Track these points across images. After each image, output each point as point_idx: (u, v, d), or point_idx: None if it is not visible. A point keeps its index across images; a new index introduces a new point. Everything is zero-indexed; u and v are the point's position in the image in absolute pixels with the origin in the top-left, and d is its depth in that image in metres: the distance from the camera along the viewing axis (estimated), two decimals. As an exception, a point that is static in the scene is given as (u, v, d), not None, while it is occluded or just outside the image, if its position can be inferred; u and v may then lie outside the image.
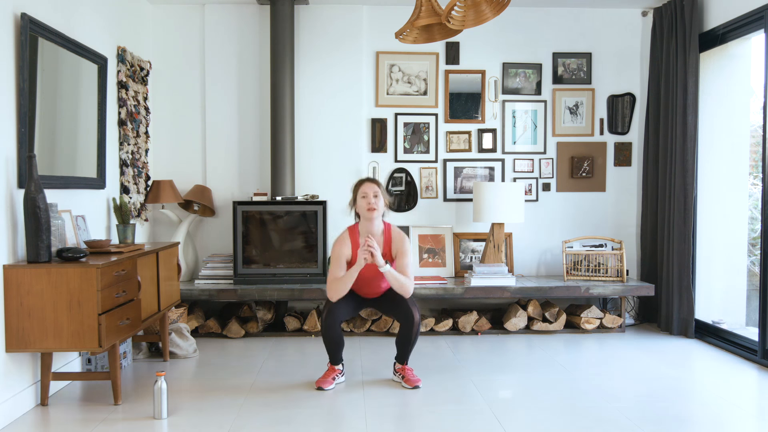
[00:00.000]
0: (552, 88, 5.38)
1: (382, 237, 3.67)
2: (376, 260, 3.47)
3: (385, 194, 3.67)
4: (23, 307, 3.08)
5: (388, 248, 3.67)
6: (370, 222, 3.63)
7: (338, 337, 3.62)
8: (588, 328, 4.92)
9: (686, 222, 4.69)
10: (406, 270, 3.60)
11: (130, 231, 4.01)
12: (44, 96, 3.45)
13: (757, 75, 4.57)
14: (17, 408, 3.16)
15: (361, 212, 3.64)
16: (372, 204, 3.58)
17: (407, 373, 3.67)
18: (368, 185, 3.64)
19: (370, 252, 3.46)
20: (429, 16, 3.42)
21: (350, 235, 3.68)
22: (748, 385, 3.72)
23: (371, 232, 3.64)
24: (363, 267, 3.53)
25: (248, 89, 5.23)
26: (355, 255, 3.61)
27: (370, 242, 3.47)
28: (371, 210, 3.58)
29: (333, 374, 3.66)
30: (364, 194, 3.62)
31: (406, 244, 3.65)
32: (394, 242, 3.66)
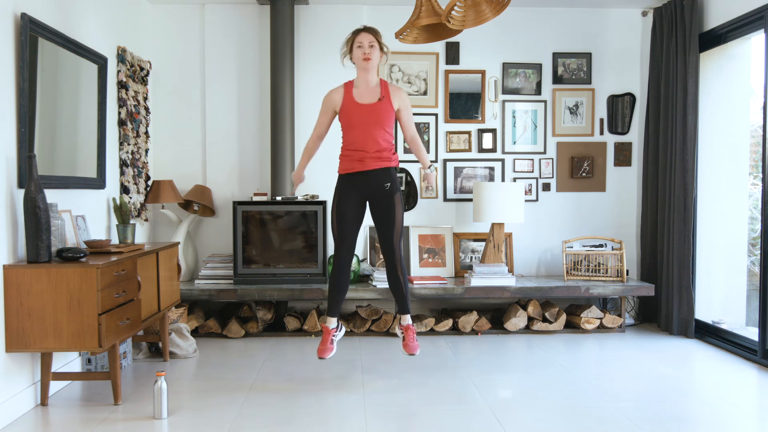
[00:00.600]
0: (552, 88, 5.38)
1: (379, 88, 3.60)
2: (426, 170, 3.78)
3: (382, 44, 3.60)
4: (23, 307, 3.08)
5: (387, 94, 3.59)
6: (366, 72, 3.57)
7: (345, 280, 3.64)
8: (588, 328, 4.92)
9: (686, 222, 4.69)
10: (411, 123, 3.71)
11: (130, 231, 4.01)
12: (44, 96, 3.45)
13: (757, 75, 4.57)
14: (17, 408, 3.16)
15: (357, 62, 3.57)
16: (367, 54, 3.52)
17: (408, 335, 3.66)
18: (364, 34, 3.55)
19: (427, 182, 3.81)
20: (429, 16, 3.42)
21: (345, 85, 3.65)
22: (748, 385, 3.72)
23: (367, 83, 3.59)
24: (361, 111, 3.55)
25: (248, 89, 5.23)
26: (345, 104, 3.58)
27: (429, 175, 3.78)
28: (367, 59, 3.52)
29: (329, 336, 3.65)
30: (360, 44, 3.54)
31: (405, 94, 3.67)
32: (394, 93, 3.61)
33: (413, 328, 3.73)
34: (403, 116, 3.67)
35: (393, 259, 3.65)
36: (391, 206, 3.62)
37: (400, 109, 3.65)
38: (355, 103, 3.57)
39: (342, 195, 3.65)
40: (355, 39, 3.58)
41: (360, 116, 3.56)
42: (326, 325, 3.70)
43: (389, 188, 3.61)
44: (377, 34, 3.58)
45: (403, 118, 3.68)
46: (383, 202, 3.63)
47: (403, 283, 3.69)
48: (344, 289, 3.67)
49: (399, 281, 3.67)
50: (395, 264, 3.65)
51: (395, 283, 3.69)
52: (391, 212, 3.63)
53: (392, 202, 3.63)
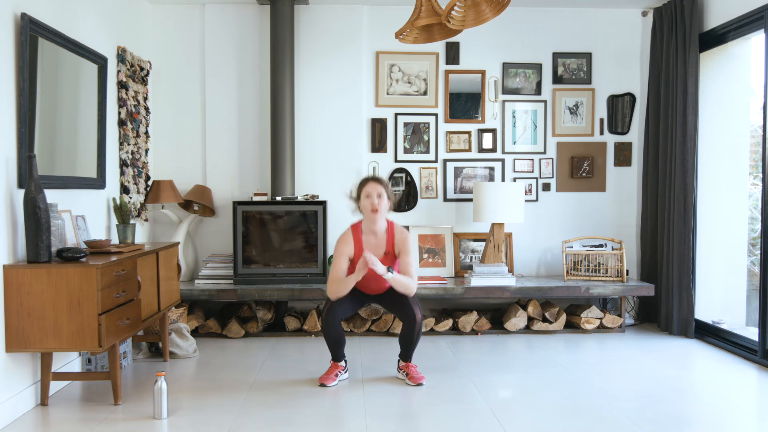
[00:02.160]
0: (552, 88, 5.38)
1: (385, 235, 3.66)
2: (378, 271, 3.45)
3: (389, 193, 3.66)
4: (23, 307, 3.08)
5: (391, 246, 3.66)
6: (374, 221, 3.63)
7: (339, 334, 3.64)
8: (588, 328, 4.92)
9: (686, 222, 4.69)
10: (409, 269, 3.61)
11: (130, 231, 4.02)
12: (44, 96, 3.45)
13: (757, 75, 4.57)
14: (17, 408, 3.16)
15: (365, 212, 3.64)
16: (375, 205, 3.58)
17: (411, 371, 3.69)
18: (372, 185, 3.63)
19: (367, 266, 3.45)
20: (429, 16, 3.42)
21: (353, 233, 3.68)
22: (748, 385, 3.72)
23: (374, 231, 3.65)
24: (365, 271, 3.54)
25: (248, 89, 5.23)
26: (358, 253, 3.62)
27: (369, 258, 3.42)
28: (375, 211, 3.59)
29: (336, 371, 3.69)
30: (368, 194, 3.61)
31: (409, 243, 3.66)
32: (397, 241, 3.66)
33: (414, 364, 3.73)
34: (400, 259, 3.68)
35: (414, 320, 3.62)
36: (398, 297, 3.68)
37: (399, 253, 3.67)
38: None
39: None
40: (363, 189, 3.64)
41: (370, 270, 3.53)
42: (335, 362, 3.73)
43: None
44: (385, 184, 3.65)
45: (400, 259, 3.68)
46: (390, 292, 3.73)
47: (416, 339, 3.68)
48: (342, 341, 3.68)
49: (413, 339, 3.67)
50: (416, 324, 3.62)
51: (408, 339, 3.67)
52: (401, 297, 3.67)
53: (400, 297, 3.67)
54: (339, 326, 3.64)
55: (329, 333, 3.62)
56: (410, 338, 3.65)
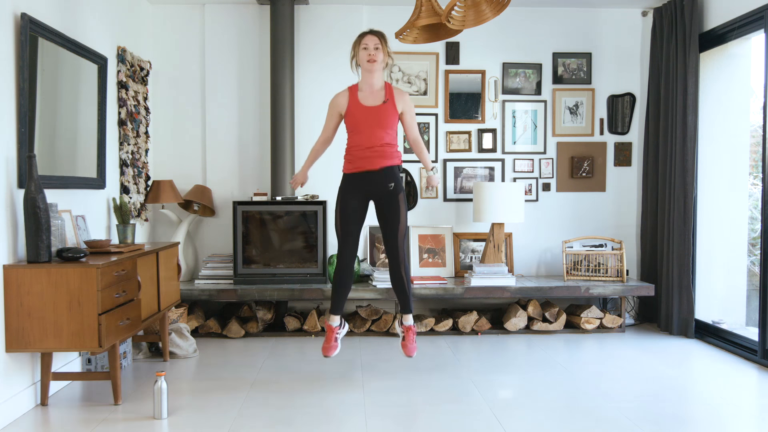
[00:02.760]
0: (552, 88, 5.38)
1: (383, 90, 3.66)
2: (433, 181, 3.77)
3: (387, 48, 3.64)
4: (23, 307, 3.08)
5: (391, 95, 3.64)
6: (371, 74, 3.62)
7: (350, 276, 3.69)
8: (588, 328, 4.92)
9: (686, 222, 4.69)
10: (414, 126, 3.74)
11: (130, 231, 4.02)
12: (44, 96, 3.45)
13: (757, 75, 4.57)
14: (17, 408, 3.16)
15: (362, 63, 3.63)
16: (372, 55, 3.57)
17: (408, 336, 3.72)
18: (369, 37, 3.61)
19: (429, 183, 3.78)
20: (429, 16, 3.42)
21: (350, 89, 3.70)
22: (748, 385, 3.72)
23: (370, 86, 3.64)
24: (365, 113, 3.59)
25: (248, 89, 5.23)
26: (351, 107, 3.63)
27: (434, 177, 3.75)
28: (371, 61, 3.57)
29: (333, 334, 3.72)
30: (365, 45, 3.60)
31: (408, 97, 3.70)
32: (398, 96, 3.66)
33: (414, 329, 3.78)
34: (406, 119, 3.72)
35: (397, 258, 3.68)
36: (395, 206, 3.66)
37: (403, 112, 3.70)
38: (360, 106, 3.63)
39: (346, 194, 3.69)
40: (360, 41, 3.64)
41: (364, 118, 3.61)
42: (330, 323, 3.75)
43: (393, 188, 3.65)
44: (383, 37, 3.63)
45: (406, 121, 3.73)
46: (388, 201, 3.67)
47: (407, 283, 3.72)
48: (348, 287, 3.72)
49: (402, 281, 3.71)
50: (399, 264, 3.69)
51: (398, 283, 3.72)
52: (395, 212, 3.66)
53: (396, 202, 3.66)
54: (352, 267, 3.69)
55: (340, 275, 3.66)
56: (399, 278, 3.68)
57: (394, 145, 3.68)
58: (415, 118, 3.77)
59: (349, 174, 3.70)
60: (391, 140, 3.65)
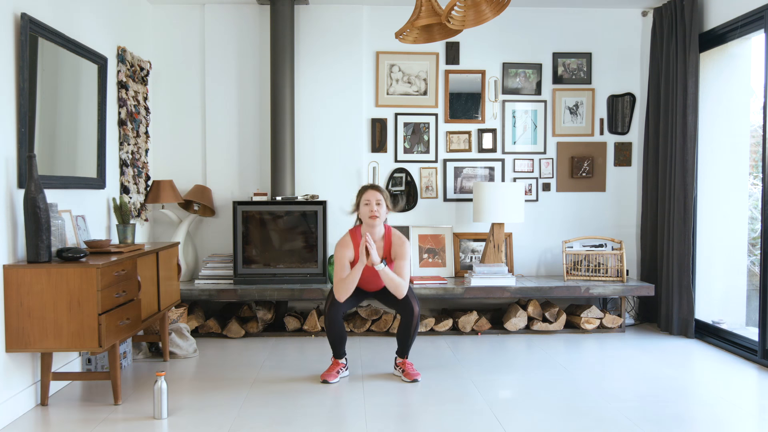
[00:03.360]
0: (552, 88, 5.38)
1: (383, 241, 3.77)
2: (372, 258, 3.60)
3: (388, 201, 3.76)
4: (23, 307, 3.08)
5: (388, 251, 3.77)
6: (372, 227, 3.74)
7: (340, 330, 3.73)
8: (588, 328, 4.92)
9: (686, 222, 4.69)
10: (402, 272, 3.71)
11: (130, 231, 4.02)
12: (44, 96, 3.45)
13: (757, 75, 4.57)
14: (17, 408, 3.16)
15: (363, 218, 3.75)
16: (374, 212, 3.68)
17: (407, 367, 3.77)
18: (371, 192, 3.73)
19: (366, 250, 3.60)
20: (429, 16, 3.42)
21: (352, 238, 3.77)
22: (748, 385, 3.72)
23: (373, 237, 3.75)
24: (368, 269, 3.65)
25: (248, 89, 5.23)
26: (357, 258, 3.72)
27: (368, 241, 3.60)
28: (373, 218, 3.69)
29: (337, 368, 3.77)
30: (367, 201, 3.72)
31: (405, 248, 3.75)
32: (394, 246, 3.76)
33: (410, 362, 3.82)
34: (395, 262, 3.75)
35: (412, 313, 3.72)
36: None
37: (395, 258, 3.75)
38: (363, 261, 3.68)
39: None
40: (362, 196, 3.74)
41: (367, 273, 3.72)
42: (336, 359, 3.80)
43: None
44: (383, 192, 3.75)
45: (395, 264, 3.74)
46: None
47: (413, 334, 3.77)
48: (344, 336, 3.77)
49: (410, 334, 3.76)
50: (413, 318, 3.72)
51: (405, 334, 3.77)
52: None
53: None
54: (341, 322, 3.74)
55: (331, 329, 3.72)
56: (408, 332, 3.75)
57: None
58: (405, 261, 3.74)
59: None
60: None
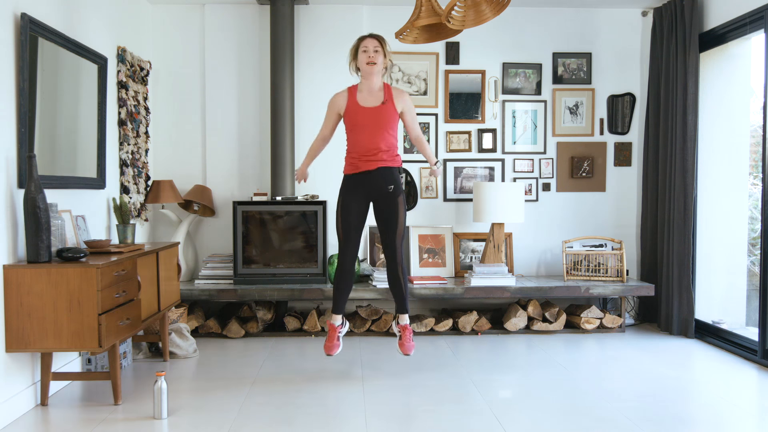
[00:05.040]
0: (552, 88, 5.38)
1: (382, 92, 3.68)
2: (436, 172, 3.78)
3: (386, 51, 3.67)
4: (23, 307, 3.08)
5: (390, 96, 3.67)
6: (370, 77, 3.65)
7: (350, 279, 3.73)
8: (588, 328, 4.92)
9: (686, 222, 4.69)
10: (417, 125, 3.80)
11: (130, 231, 4.02)
12: (44, 96, 3.45)
13: (757, 75, 4.57)
14: (17, 408, 3.16)
15: (361, 66, 3.66)
16: (372, 58, 3.60)
17: (405, 335, 3.77)
18: (369, 40, 3.65)
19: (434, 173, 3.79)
20: (429, 16, 3.42)
21: (349, 89, 3.73)
22: (748, 385, 3.72)
23: (371, 87, 3.67)
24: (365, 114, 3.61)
25: (248, 89, 5.23)
26: (350, 107, 3.66)
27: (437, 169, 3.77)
28: (371, 64, 3.61)
29: (336, 333, 3.77)
30: (365, 48, 3.63)
31: (407, 96, 3.74)
32: (396, 94, 3.69)
33: (410, 328, 3.83)
34: (407, 118, 3.76)
35: (395, 259, 3.74)
36: (394, 207, 3.71)
37: (403, 112, 3.74)
38: (359, 107, 3.66)
39: (346, 195, 3.73)
40: (360, 44, 3.67)
41: (364, 119, 3.64)
42: (332, 323, 3.80)
43: (393, 190, 3.70)
44: (382, 40, 3.67)
45: (407, 120, 3.77)
46: (387, 203, 3.71)
47: (403, 283, 3.77)
48: (349, 288, 3.78)
49: (399, 281, 3.76)
50: (397, 264, 3.74)
51: (395, 283, 3.77)
52: (394, 213, 3.71)
53: (395, 204, 3.71)
54: (353, 270, 3.73)
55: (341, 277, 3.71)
56: (396, 279, 3.73)
57: (394, 147, 3.71)
58: (415, 117, 3.81)
59: (349, 175, 3.74)
60: (390, 141, 3.69)
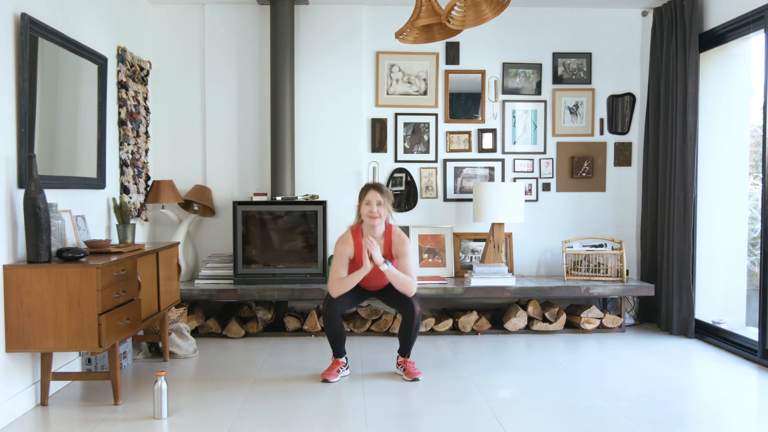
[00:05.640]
0: (552, 88, 5.38)
1: (383, 239, 3.79)
2: (375, 260, 3.62)
3: (388, 200, 3.78)
4: (23, 307, 3.08)
5: (389, 250, 3.78)
6: (372, 227, 3.76)
7: (339, 329, 3.75)
8: (588, 328, 4.92)
9: (686, 222, 4.69)
10: (408, 270, 3.73)
11: (130, 231, 4.02)
12: (44, 96, 3.45)
13: (757, 75, 4.57)
14: (17, 408, 3.16)
15: (364, 218, 3.76)
16: (374, 212, 3.71)
17: (408, 366, 3.78)
18: (372, 193, 3.75)
19: (369, 253, 3.62)
20: (429, 16, 3.42)
21: (353, 234, 3.79)
22: (748, 385, 3.72)
23: (372, 235, 3.75)
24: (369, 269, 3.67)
25: (248, 89, 5.23)
26: (357, 254, 3.74)
27: (370, 243, 3.62)
28: (373, 218, 3.71)
29: (338, 367, 3.78)
30: (368, 201, 3.74)
31: (406, 246, 3.77)
32: (395, 245, 3.78)
33: (412, 360, 3.84)
34: (399, 262, 3.78)
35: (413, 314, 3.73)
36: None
37: (397, 257, 3.78)
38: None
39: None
40: (364, 196, 3.76)
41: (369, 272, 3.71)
42: (336, 359, 3.81)
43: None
44: (386, 193, 3.76)
45: (398, 263, 3.78)
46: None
47: (414, 334, 3.79)
48: (343, 335, 3.78)
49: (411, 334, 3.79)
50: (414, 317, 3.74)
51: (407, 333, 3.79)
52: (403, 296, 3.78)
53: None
54: (340, 321, 3.75)
55: (330, 328, 3.73)
56: (409, 332, 3.77)
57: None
58: (408, 258, 3.77)
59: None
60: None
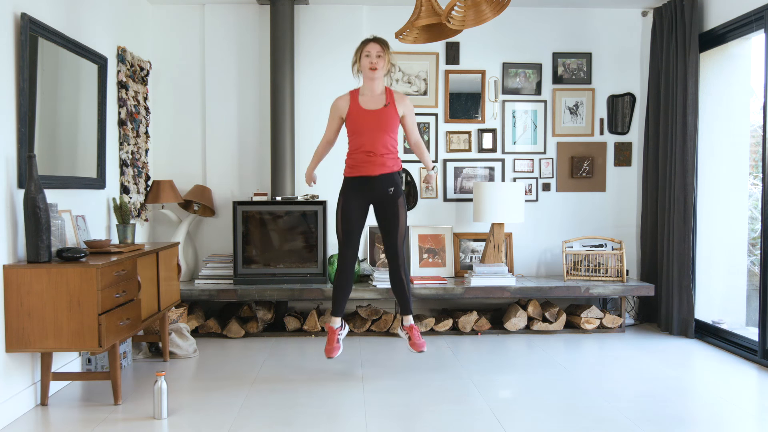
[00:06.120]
0: (552, 88, 5.38)
1: (384, 95, 3.71)
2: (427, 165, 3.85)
3: (388, 54, 3.69)
4: (23, 307, 3.08)
5: (392, 99, 3.70)
6: (372, 81, 3.68)
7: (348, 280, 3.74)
8: (588, 328, 4.92)
9: (686, 222, 4.69)
10: (416, 128, 3.82)
11: (130, 231, 4.02)
12: (44, 96, 3.45)
13: (757, 75, 4.57)
14: (17, 408, 3.16)
15: (364, 71, 3.69)
16: (374, 63, 3.63)
17: (413, 334, 3.79)
18: (372, 44, 3.67)
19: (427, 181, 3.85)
20: (429, 16, 3.42)
21: (351, 93, 3.76)
22: (748, 385, 3.72)
23: (372, 91, 3.70)
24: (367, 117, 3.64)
25: (248, 89, 5.23)
26: (352, 110, 3.68)
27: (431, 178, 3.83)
28: (373, 69, 3.63)
29: (335, 336, 3.78)
30: (368, 53, 3.65)
31: (409, 102, 3.77)
32: (398, 100, 3.72)
33: (417, 327, 3.85)
34: (407, 122, 3.79)
35: (396, 261, 3.76)
36: (395, 210, 3.74)
37: (404, 116, 3.76)
38: (361, 109, 3.68)
39: (347, 197, 3.75)
40: (363, 49, 3.69)
41: (366, 122, 3.67)
42: (331, 325, 3.81)
43: (393, 192, 3.72)
44: (385, 44, 3.69)
45: (407, 124, 3.79)
46: (387, 206, 3.74)
47: (406, 284, 3.79)
48: (349, 289, 3.79)
49: (402, 283, 3.78)
50: (399, 266, 3.76)
51: (398, 284, 3.79)
52: (395, 216, 3.74)
53: (396, 206, 3.74)
54: (351, 271, 3.73)
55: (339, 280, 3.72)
56: (399, 280, 3.74)
57: (394, 150, 3.74)
58: (415, 121, 3.84)
59: (349, 177, 3.77)
60: (391, 145, 3.72)
